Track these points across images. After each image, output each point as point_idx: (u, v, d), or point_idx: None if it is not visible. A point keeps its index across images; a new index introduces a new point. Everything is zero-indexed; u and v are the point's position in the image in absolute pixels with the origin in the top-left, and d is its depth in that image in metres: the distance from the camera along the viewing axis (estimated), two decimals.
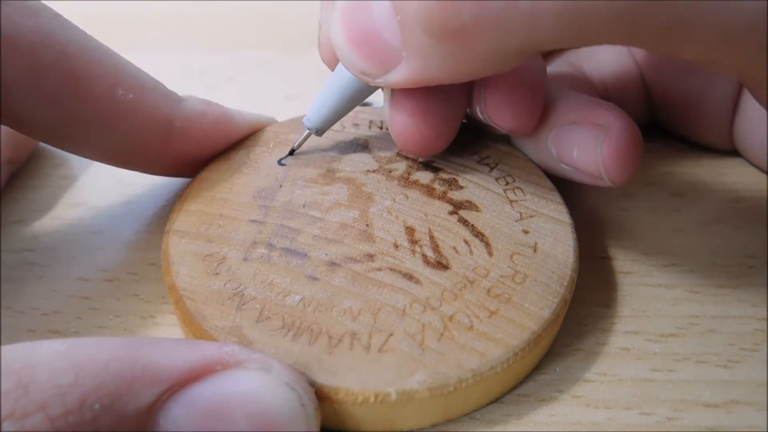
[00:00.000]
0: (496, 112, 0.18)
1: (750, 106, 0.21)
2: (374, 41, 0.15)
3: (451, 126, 0.18)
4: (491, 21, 0.13)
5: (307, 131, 0.19)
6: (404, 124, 0.18)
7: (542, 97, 0.18)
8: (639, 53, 0.22)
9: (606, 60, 0.22)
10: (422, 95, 0.17)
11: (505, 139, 0.20)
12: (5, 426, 0.10)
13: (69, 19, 0.17)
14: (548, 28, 0.12)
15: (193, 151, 0.19)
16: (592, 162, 0.17)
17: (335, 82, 0.18)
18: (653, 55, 0.22)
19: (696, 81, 0.21)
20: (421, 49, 0.14)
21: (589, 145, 0.17)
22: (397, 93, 0.17)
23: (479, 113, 0.18)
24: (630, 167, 0.17)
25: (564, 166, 0.18)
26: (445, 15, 0.13)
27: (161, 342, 0.12)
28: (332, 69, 0.19)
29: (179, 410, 0.12)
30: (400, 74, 0.15)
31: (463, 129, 0.21)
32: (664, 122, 0.23)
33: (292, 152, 0.20)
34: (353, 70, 0.16)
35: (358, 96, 0.18)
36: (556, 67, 0.23)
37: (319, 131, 0.19)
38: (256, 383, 0.12)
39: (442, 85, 0.16)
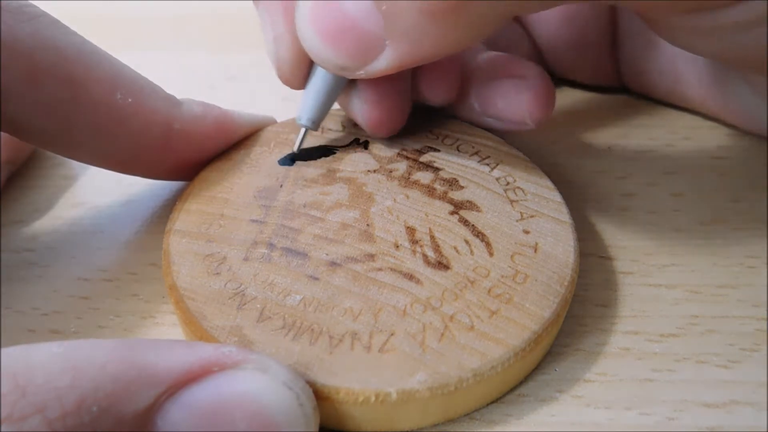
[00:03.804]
0: (429, 88, 0.20)
1: (627, 41, 0.23)
2: (351, 34, 0.16)
3: (408, 104, 0.20)
4: None
5: (303, 129, 0.19)
6: (377, 113, 0.19)
7: (460, 66, 0.20)
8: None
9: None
10: (384, 83, 0.18)
11: (506, 140, 0.20)
12: (3, 428, 0.10)
13: (69, 19, 0.17)
14: None
15: (193, 153, 0.19)
16: (516, 110, 0.19)
17: (318, 75, 0.18)
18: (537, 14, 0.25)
19: (575, 27, 0.24)
20: (410, 31, 0.15)
21: (512, 95, 0.19)
22: (363, 83, 0.18)
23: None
24: (549, 108, 0.20)
25: (487, 118, 0.20)
26: None
27: (159, 343, 0.12)
28: (294, 87, 0.19)
29: (177, 412, 0.12)
30: (385, 61, 0.16)
31: (464, 129, 0.21)
32: (552, 69, 0.25)
33: (294, 156, 0.20)
34: (331, 68, 0.17)
35: (341, 81, 0.19)
36: None
37: (314, 125, 0.19)
38: (253, 384, 0.12)
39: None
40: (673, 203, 0.21)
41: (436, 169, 0.19)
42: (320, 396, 0.14)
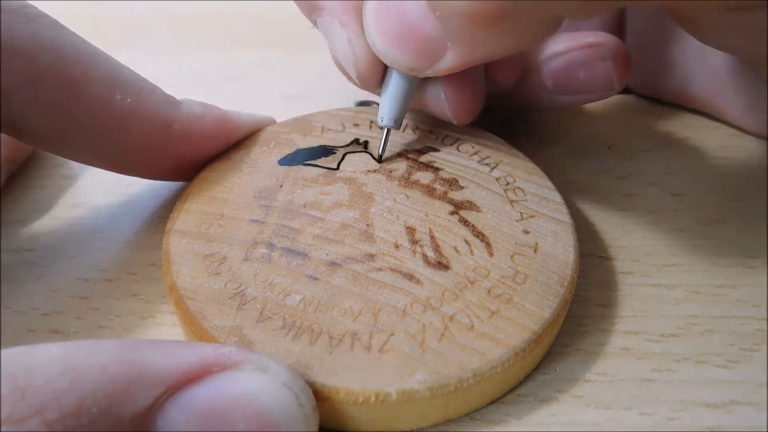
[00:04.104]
0: (497, 70, 0.20)
1: (635, 38, 0.24)
2: (414, 38, 0.16)
3: (483, 86, 0.20)
4: (533, 2, 0.14)
5: (386, 129, 0.19)
6: (460, 101, 0.19)
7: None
8: None
9: None
10: (463, 73, 0.18)
11: (506, 140, 0.20)
12: (3, 429, 0.10)
13: (69, 19, 0.17)
14: (577, 4, 0.14)
15: (193, 154, 0.19)
16: (603, 77, 0.20)
17: (393, 75, 0.19)
18: None
19: (583, 24, 0.24)
20: (466, 36, 0.15)
21: (595, 64, 0.20)
22: (445, 79, 0.19)
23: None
24: (629, 70, 0.20)
25: (562, 96, 0.21)
26: (486, 5, 0.14)
27: (158, 344, 0.12)
28: (370, 88, 0.19)
29: (177, 412, 0.12)
30: (449, 61, 0.16)
31: (464, 129, 0.21)
32: None
33: (380, 158, 0.20)
34: (401, 68, 0.17)
35: (416, 80, 0.19)
36: None
37: (397, 123, 0.19)
38: (253, 384, 0.12)
39: None
40: (673, 203, 0.21)
41: (436, 169, 0.19)
42: (320, 396, 0.14)
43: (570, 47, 0.20)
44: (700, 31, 0.17)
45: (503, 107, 0.25)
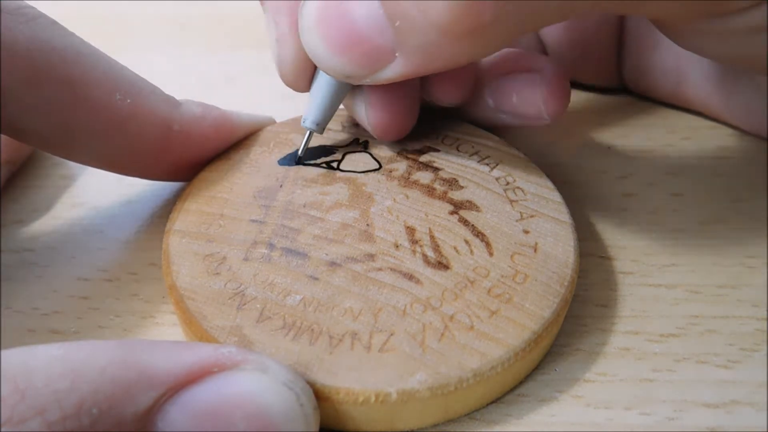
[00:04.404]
0: (441, 89, 0.19)
1: (633, 41, 0.23)
2: (360, 44, 0.15)
3: (416, 107, 0.19)
4: (510, 15, 0.13)
5: (308, 131, 0.19)
6: (383, 118, 0.19)
7: (473, 67, 0.20)
8: None
9: None
10: (392, 87, 0.18)
11: (506, 139, 0.20)
12: (3, 431, 0.10)
13: (68, 19, 0.17)
14: (552, 11, 0.14)
15: (192, 154, 0.19)
16: (532, 104, 0.19)
17: (322, 78, 0.18)
18: None
19: (582, 27, 0.24)
20: (425, 46, 0.14)
21: (527, 90, 0.19)
22: (371, 89, 0.18)
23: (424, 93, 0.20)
24: (565, 102, 0.19)
25: (502, 114, 0.20)
26: (468, 17, 0.13)
27: (158, 345, 0.12)
28: (297, 89, 0.19)
29: (177, 413, 0.12)
30: (394, 71, 0.15)
31: (464, 129, 0.21)
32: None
33: (299, 159, 0.19)
34: (337, 75, 0.16)
35: (347, 86, 0.18)
36: None
37: (320, 128, 0.19)
38: (253, 384, 0.12)
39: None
40: (673, 203, 0.21)
41: (436, 169, 0.19)
42: (320, 396, 0.14)
43: (508, 68, 0.20)
44: (677, 36, 0.17)
45: None
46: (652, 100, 0.25)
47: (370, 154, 0.20)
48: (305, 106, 0.19)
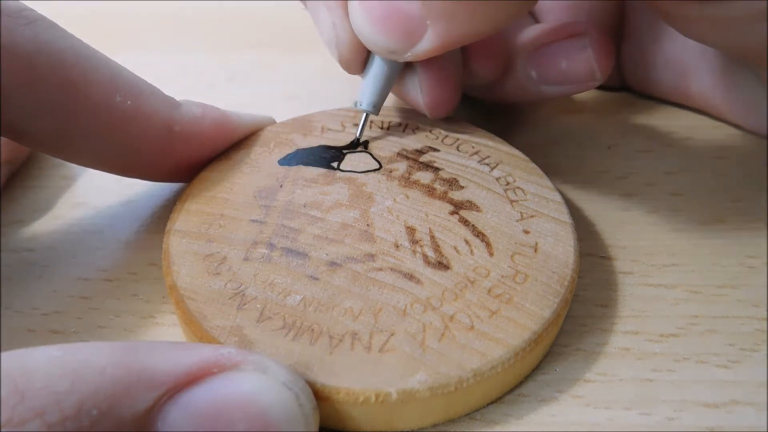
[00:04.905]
0: (478, 63, 0.20)
1: (635, 34, 0.24)
2: (396, 16, 0.16)
3: (460, 87, 0.20)
4: None
5: (365, 114, 0.20)
6: (436, 95, 0.20)
7: (504, 40, 0.21)
8: None
9: None
10: (439, 66, 0.19)
11: (506, 139, 0.20)
12: None
13: (68, 20, 0.17)
14: None
15: (193, 155, 0.19)
16: (584, 66, 0.20)
17: (375, 60, 0.19)
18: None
19: (583, 19, 0.24)
20: (446, 11, 0.16)
21: (578, 53, 0.20)
22: (422, 70, 0.19)
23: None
24: (613, 59, 0.20)
25: (545, 86, 0.21)
26: None
27: (158, 345, 0.12)
28: (351, 71, 0.20)
29: (177, 414, 0.12)
30: (428, 43, 0.17)
31: (464, 129, 0.21)
32: None
33: (357, 142, 0.20)
34: (381, 51, 0.18)
35: (397, 66, 0.19)
36: None
37: (375, 109, 0.20)
38: (253, 385, 0.12)
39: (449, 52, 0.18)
40: (673, 203, 0.21)
41: (436, 169, 0.19)
42: (320, 396, 0.14)
43: (552, 37, 0.20)
44: (679, 24, 0.17)
45: (498, 105, 0.25)
46: (653, 98, 0.25)
47: (371, 154, 0.20)
48: (358, 91, 0.20)
